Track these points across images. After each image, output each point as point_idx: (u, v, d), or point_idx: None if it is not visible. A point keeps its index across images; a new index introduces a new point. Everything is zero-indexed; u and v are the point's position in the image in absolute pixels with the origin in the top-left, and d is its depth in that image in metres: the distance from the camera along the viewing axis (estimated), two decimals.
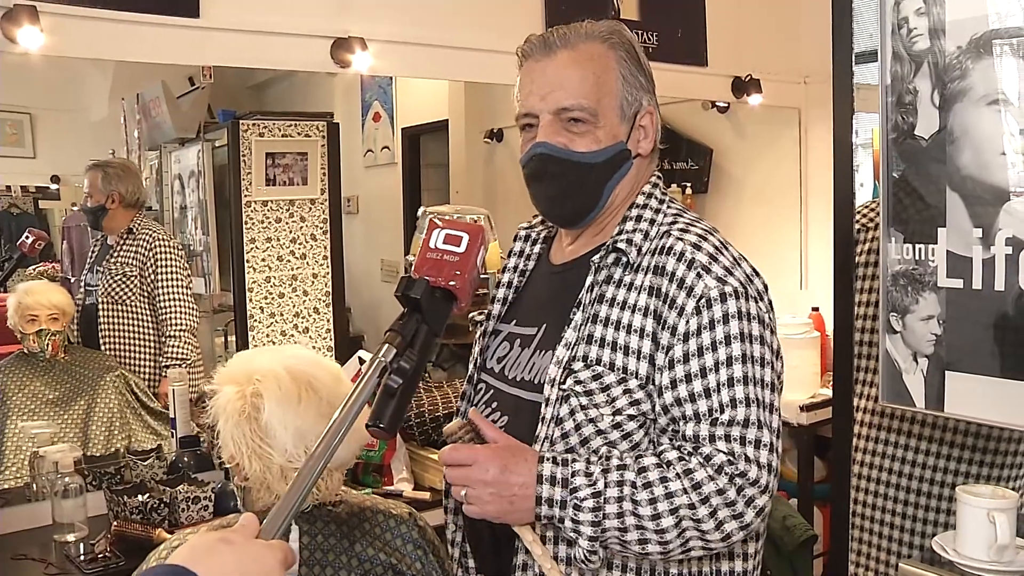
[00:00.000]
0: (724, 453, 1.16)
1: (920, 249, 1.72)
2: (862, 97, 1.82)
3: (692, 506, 1.15)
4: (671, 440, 1.22)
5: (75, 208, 3.95)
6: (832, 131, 1.83)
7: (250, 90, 4.73)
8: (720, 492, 1.15)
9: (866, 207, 2.13)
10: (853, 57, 1.79)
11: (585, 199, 1.31)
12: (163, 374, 2.87)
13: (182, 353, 2.90)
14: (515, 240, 1.50)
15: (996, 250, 1.60)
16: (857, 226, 2.06)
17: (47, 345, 2.55)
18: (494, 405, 1.37)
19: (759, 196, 3.69)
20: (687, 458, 1.17)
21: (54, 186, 4.59)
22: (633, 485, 1.16)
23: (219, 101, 3.70)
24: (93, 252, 3.16)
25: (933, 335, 1.70)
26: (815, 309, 3.35)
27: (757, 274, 1.28)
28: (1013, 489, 1.69)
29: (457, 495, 1.22)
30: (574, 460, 1.19)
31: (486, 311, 1.46)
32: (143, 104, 3.98)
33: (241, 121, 3.05)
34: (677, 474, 1.16)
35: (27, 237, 3.34)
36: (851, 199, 1.84)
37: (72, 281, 3.47)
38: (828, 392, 2.94)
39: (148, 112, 3.96)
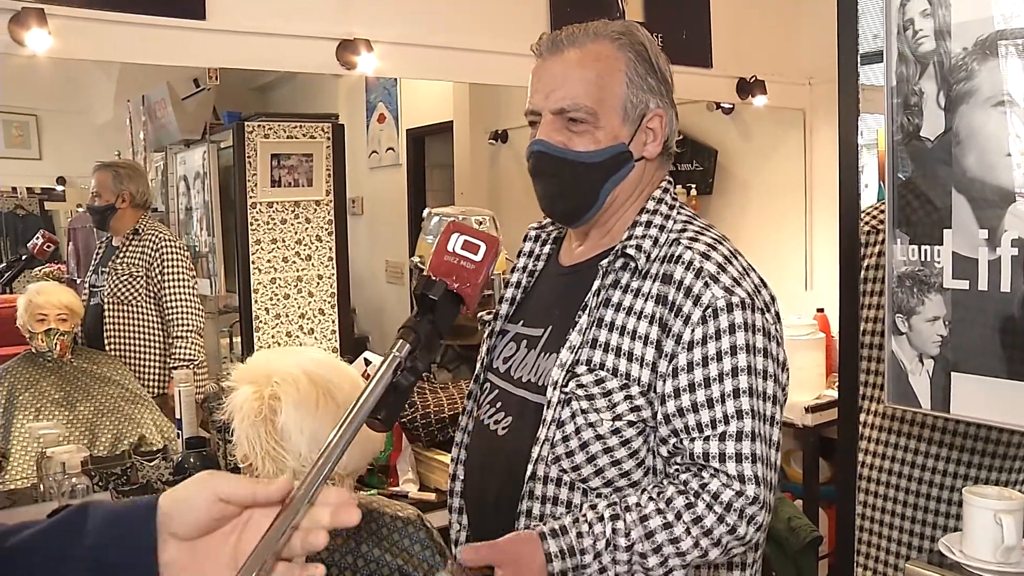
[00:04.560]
0: (725, 475, 1.18)
1: (926, 250, 1.72)
2: (867, 98, 1.82)
3: (703, 551, 1.18)
4: (670, 455, 1.23)
5: (81, 210, 3.96)
6: (837, 132, 1.83)
7: (255, 92, 4.74)
8: (724, 524, 1.18)
9: (874, 208, 2.13)
10: (858, 58, 1.79)
11: (581, 198, 1.31)
12: (169, 375, 2.88)
13: (188, 354, 2.91)
14: (525, 240, 1.50)
15: (1002, 251, 1.59)
16: (867, 228, 2.06)
17: (55, 345, 2.56)
18: (499, 405, 1.37)
19: (764, 197, 3.69)
20: (694, 502, 1.18)
21: (60, 188, 4.60)
22: (642, 555, 1.17)
23: (224, 103, 3.71)
24: (98, 253, 3.17)
25: (939, 336, 1.70)
26: (820, 310, 3.34)
27: (765, 285, 1.28)
28: (1020, 491, 1.69)
29: None
30: (580, 536, 1.18)
31: (494, 311, 1.46)
32: (148, 106, 3.98)
33: (246, 123, 3.06)
34: (687, 529, 1.17)
35: (37, 239, 3.35)
36: (856, 200, 1.83)
37: (78, 282, 3.48)
38: (833, 393, 2.93)
39: (153, 114, 3.96)
